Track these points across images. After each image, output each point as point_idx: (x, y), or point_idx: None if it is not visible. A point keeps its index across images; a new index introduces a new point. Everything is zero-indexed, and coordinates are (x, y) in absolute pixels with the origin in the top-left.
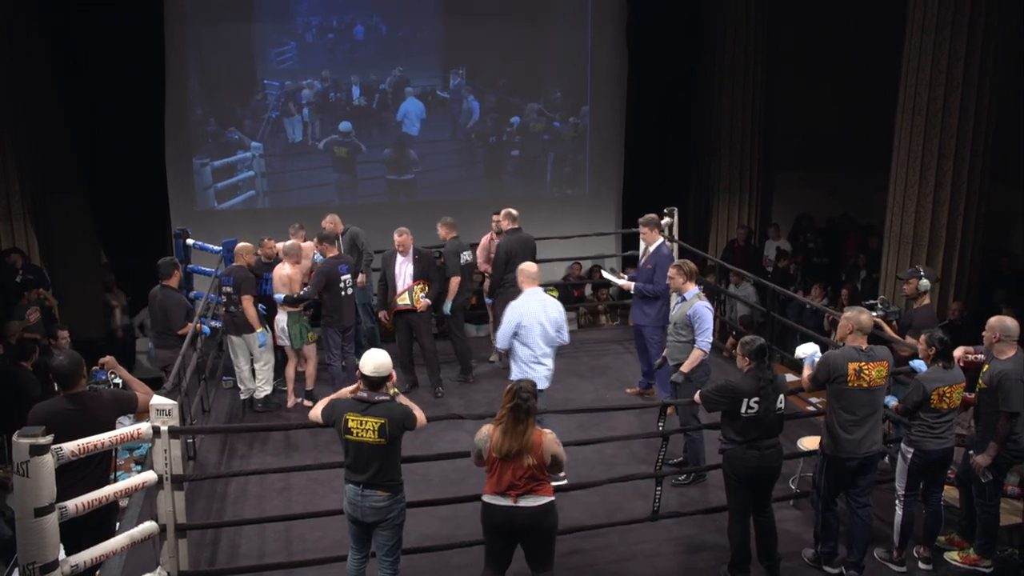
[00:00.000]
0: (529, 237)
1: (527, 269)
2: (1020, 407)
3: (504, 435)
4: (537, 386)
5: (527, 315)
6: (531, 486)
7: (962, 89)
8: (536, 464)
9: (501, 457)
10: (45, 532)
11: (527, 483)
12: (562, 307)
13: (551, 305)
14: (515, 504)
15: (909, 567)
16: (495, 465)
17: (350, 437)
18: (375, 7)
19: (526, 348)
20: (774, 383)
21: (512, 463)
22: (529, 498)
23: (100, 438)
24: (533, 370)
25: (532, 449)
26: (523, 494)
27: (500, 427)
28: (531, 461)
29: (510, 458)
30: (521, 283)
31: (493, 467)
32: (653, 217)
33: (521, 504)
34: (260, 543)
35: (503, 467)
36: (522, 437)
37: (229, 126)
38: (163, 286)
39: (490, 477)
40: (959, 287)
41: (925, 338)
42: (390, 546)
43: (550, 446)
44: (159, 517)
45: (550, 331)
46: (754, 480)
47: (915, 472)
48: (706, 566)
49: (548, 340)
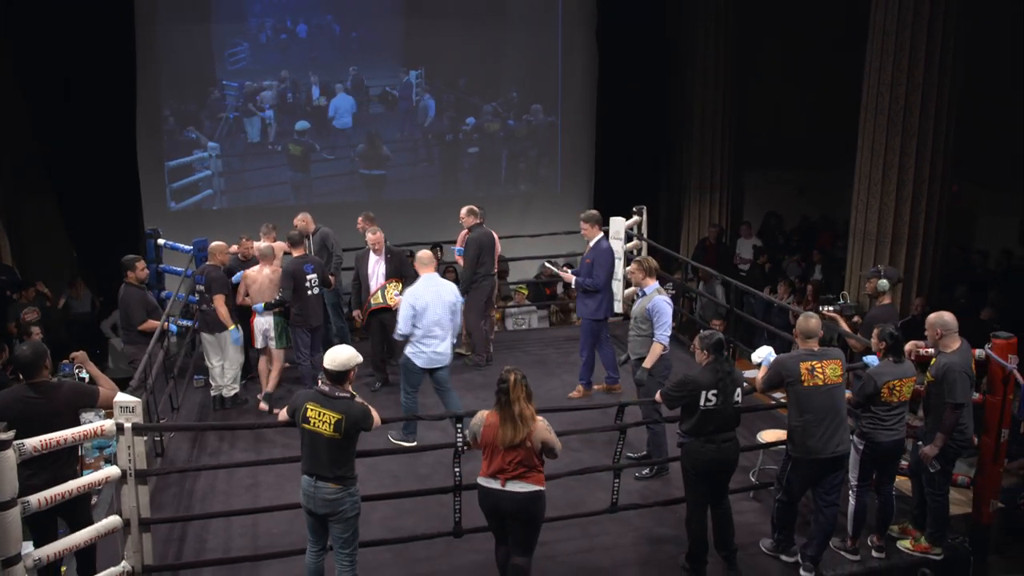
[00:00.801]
0: (491, 232)
1: (421, 256)
2: (964, 398)
3: (504, 425)
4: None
5: (419, 299)
6: (520, 471)
7: (922, 89)
8: (527, 450)
9: (503, 448)
10: (7, 526)
11: (516, 468)
12: (457, 291)
13: (445, 290)
14: (503, 488)
15: (863, 555)
16: (489, 449)
17: (307, 426)
18: (335, 8)
19: (418, 328)
20: (732, 376)
21: (509, 454)
22: (517, 483)
23: (63, 434)
24: (424, 344)
25: (527, 440)
26: (512, 479)
27: (498, 418)
28: (521, 451)
29: (513, 448)
30: (417, 269)
31: (487, 451)
32: (594, 214)
33: (508, 488)
34: (226, 538)
35: (499, 457)
36: (519, 427)
37: (188, 125)
38: (126, 284)
39: (484, 460)
40: (921, 283)
41: (877, 333)
42: (344, 539)
43: (541, 432)
44: (123, 512)
45: (443, 313)
46: (711, 473)
47: (867, 463)
48: (665, 557)
49: (441, 322)
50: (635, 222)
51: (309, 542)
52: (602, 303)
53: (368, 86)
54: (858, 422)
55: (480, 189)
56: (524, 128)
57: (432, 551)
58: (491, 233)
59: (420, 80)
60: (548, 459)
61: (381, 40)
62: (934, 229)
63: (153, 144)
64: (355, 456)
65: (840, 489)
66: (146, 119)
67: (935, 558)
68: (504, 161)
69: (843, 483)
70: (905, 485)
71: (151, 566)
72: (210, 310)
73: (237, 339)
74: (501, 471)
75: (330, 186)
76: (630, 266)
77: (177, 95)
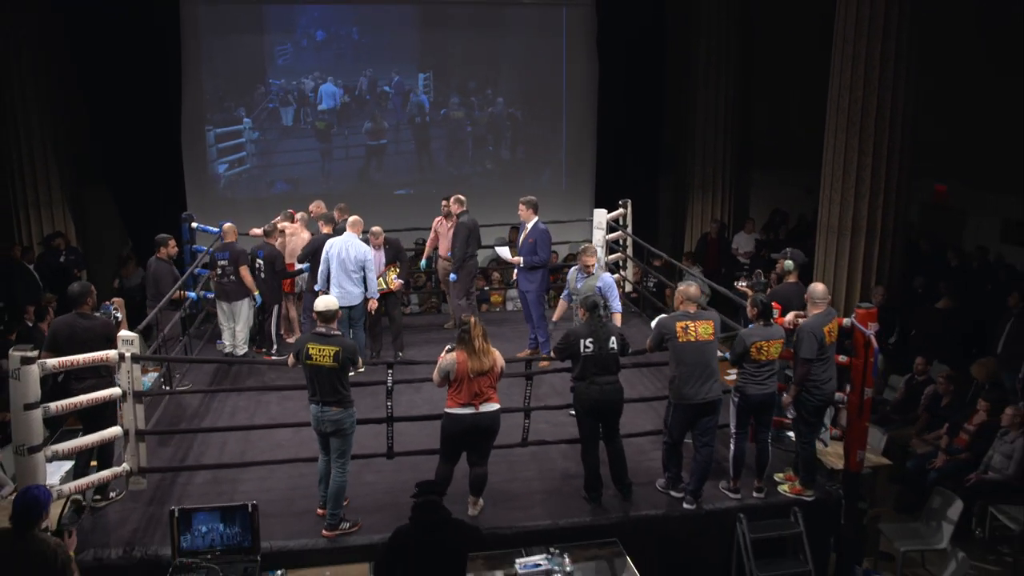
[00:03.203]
0: (475, 219)
1: (352, 218)
2: (810, 355)
3: (472, 358)
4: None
5: (330, 249)
6: (488, 395)
7: (878, 92)
8: (491, 376)
9: (473, 375)
10: (31, 422)
11: (485, 391)
12: (369, 251)
13: (355, 246)
14: (478, 411)
15: (743, 495)
16: (464, 383)
17: (310, 362)
18: (360, 20)
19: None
20: (605, 328)
21: (479, 380)
22: (488, 404)
23: (76, 358)
24: (335, 287)
25: (493, 367)
26: (484, 402)
27: (466, 354)
28: (490, 376)
29: (482, 375)
30: (348, 228)
31: (460, 384)
32: (532, 199)
33: (483, 410)
34: (219, 456)
35: (471, 384)
36: (484, 357)
37: (231, 116)
38: (157, 258)
39: (455, 394)
40: (880, 273)
41: (750, 300)
42: (341, 451)
43: (500, 359)
44: (123, 424)
45: (348, 265)
46: (596, 411)
47: (742, 413)
48: (572, 489)
49: (344, 271)
50: (620, 214)
51: (320, 453)
52: (544, 278)
53: (383, 85)
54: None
55: (485, 185)
56: (529, 126)
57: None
58: (475, 220)
59: (428, 81)
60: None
61: (397, 46)
62: (892, 223)
63: (196, 139)
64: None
65: (713, 432)
66: (190, 116)
67: (807, 499)
68: (508, 155)
69: (716, 427)
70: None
71: (145, 468)
72: (230, 281)
73: (260, 303)
74: (475, 396)
75: (344, 168)
76: (586, 253)
77: (220, 95)
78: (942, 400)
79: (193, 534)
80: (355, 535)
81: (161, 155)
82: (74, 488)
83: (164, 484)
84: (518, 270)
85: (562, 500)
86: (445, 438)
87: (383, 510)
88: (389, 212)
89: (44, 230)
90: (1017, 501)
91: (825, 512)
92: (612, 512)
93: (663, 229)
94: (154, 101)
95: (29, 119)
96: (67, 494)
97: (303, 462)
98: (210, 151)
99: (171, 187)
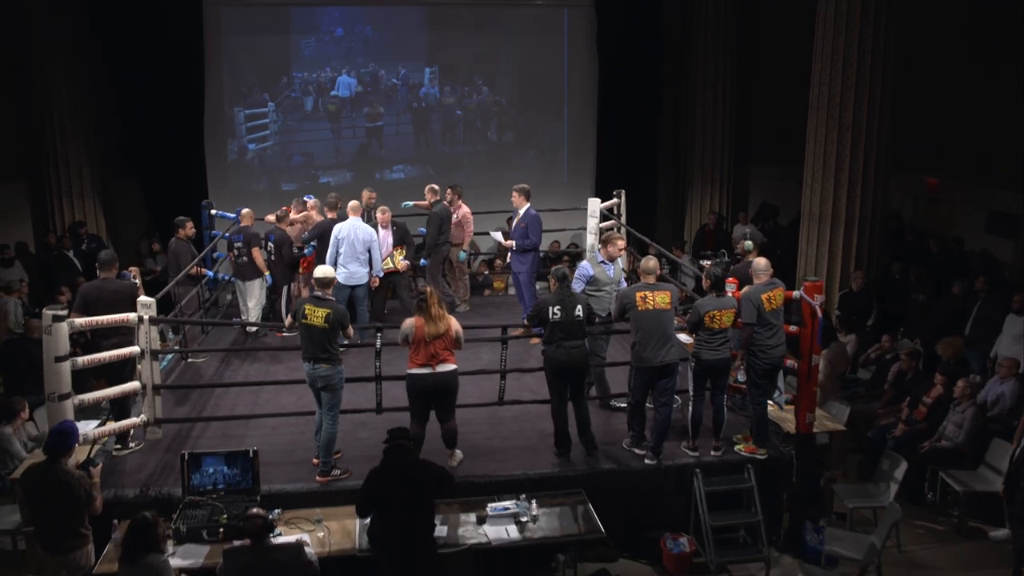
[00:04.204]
0: (448, 208)
1: (351, 203)
2: (750, 319)
3: (428, 323)
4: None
5: (339, 233)
6: (443, 356)
7: (855, 88)
8: (446, 340)
9: (429, 339)
10: (62, 372)
11: (441, 353)
12: (374, 233)
13: (362, 229)
14: (435, 371)
15: (702, 453)
16: (421, 345)
17: (304, 321)
18: (373, 20)
19: (340, 255)
20: (573, 297)
21: (434, 343)
22: (443, 365)
23: (99, 319)
24: (342, 267)
25: (447, 331)
26: (439, 363)
27: (423, 320)
28: (445, 339)
29: (437, 338)
30: (348, 212)
31: (418, 346)
32: (524, 187)
33: (439, 370)
34: (231, 409)
35: (428, 346)
36: (439, 322)
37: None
38: (176, 238)
39: (415, 355)
40: (859, 258)
41: (705, 272)
42: (331, 404)
43: (456, 325)
44: (141, 379)
45: (357, 246)
46: (563, 372)
47: (698, 377)
48: (545, 447)
49: (353, 253)
50: (614, 203)
51: (317, 407)
52: (534, 260)
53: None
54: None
55: (489, 173)
56: (533, 120)
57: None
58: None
59: (435, 75)
60: (456, 350)
61: (406, 43)
62: (869, 211)
63: (219, 131)
64: (338, 344)
65: (670, 394)
66: (212, 110)
67: (760, 458)
68: (514, 148)
69: (673, 389)
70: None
71: (160, 419)
72: (243, 262)
73: (270, 283)
74: (432, 358)
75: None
76: (618, 243)
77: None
78: (907, 376)
79: (201, 475)
80: (345, 481)
81: (185, 148)
82: (98, 434)
83: (179, 436)
84: (511, 253)
85: (535, 455)
86: (411, 397)
87: (372, 460)
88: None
89: (77, 218)
90: (964, 466)
91: (777, 469)
92: (579, 466)
93: (662, 220)
94: (179, 97)
95: (63, 114)
96: (92, 439)
97: (304, 416)
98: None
99: (194, 178)
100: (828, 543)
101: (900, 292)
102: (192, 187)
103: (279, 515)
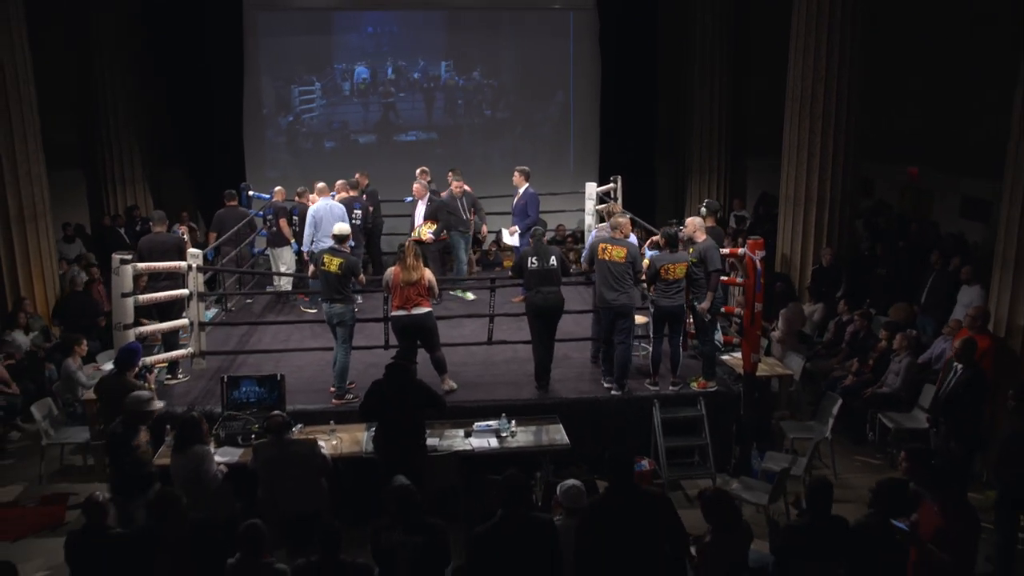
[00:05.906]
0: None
1: (319, 185)
2: (721, 266)
3: (404, 271)
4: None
5: (316, 212)
6: (417, 300)
7: (825, 80)
8: (419, 287)
9: (403, 285)
10: (127, 307)
11: (415, 298)
12: (342, 208)
13: (336, 207)
14: (409, 313)
15: (661, 388)
16: (398, 290)
17: (323, 267)
18: (397, 21)
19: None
20: (547, 250)
21: (408, 288)
22: (417, 308)
23: (157, 264)
24: (320, 242)
25: (420, 280)
26: (414, 306)
27: (400, 268)
28: (418, 287)
29: (410, 284)
30: (316, 194)
31: (396, 292)
32: (525, 169)
33: (413, 312)
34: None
35: (403, 291)
36: (413, 271)
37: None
38: (225, 207)
39: (394, 300)
40: (830, 236)
41: (661, 232)
42: (344, 337)
43: (428, 275)
44: (189, 317)
45: (334, 221)
46: (541, 315)
47: (656, 321)
48: (528, 380)
49: (329, 230)
50: (610, 188)
51: (334, 341)
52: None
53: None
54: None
55: (496, 161)
56: (541, 114)
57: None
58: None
59: (450, 69)
60: (431, 298)
61: (424, 40)
62: (839, 194)
63: (257, 120)
64: (350, 288)
65: (627, 333)
66: (251, 106)
67: (710, 390)
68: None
69: (629, 329)
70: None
71: (205, 351)
72: (275, 231)
73: (297, 250)
74: (407, 301)
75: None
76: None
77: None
78: (860, 335)
79: (238, 393)
80: (356, 404)
81: (225, 138)
82: (152, 361)
83: (220, 369)
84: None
85: (518, 388)
86: (395, 334)
87: None
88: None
89: (129, 202)
90: (901, 410)
91: (725, 402)
92: (555, 395)
93: (662, 210)
94: (220, 93)
95: (117, 109)
96: (149, 365)
97: (324, 351)
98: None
99: (233, 165)
100: (765, 463)
101: (868, 268)
102: (232, 173)
103: (300, 429)
